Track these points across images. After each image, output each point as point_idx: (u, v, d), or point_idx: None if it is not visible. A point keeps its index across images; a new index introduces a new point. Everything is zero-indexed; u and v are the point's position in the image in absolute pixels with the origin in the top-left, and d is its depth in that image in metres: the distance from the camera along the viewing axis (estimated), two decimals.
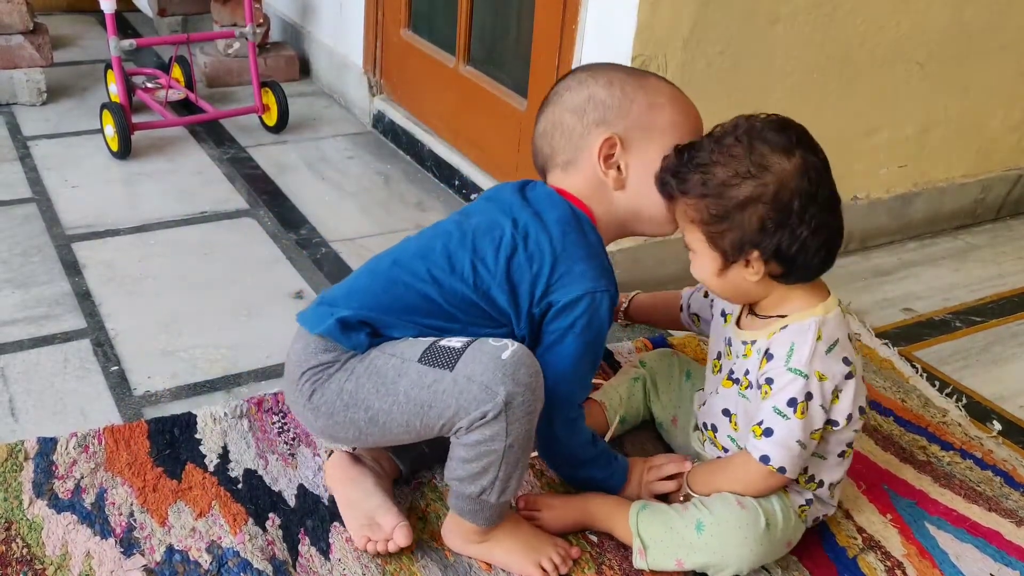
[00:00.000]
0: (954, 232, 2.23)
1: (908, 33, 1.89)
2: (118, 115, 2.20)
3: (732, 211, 1.06)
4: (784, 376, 1.09)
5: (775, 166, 1.05)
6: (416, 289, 1.12)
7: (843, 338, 1.11)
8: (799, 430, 1.09)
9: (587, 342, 1.11)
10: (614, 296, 1.11)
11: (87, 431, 1.31)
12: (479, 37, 2.15)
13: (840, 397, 1.10)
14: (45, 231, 1.90)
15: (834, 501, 1.21)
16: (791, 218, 1.05)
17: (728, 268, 1.10)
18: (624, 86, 1.14)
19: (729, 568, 1.12)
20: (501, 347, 1.04)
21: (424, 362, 1.06)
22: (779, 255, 1.07)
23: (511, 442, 1.04)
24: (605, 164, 1.13)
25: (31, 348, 1.52)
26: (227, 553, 1.13)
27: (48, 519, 1.16)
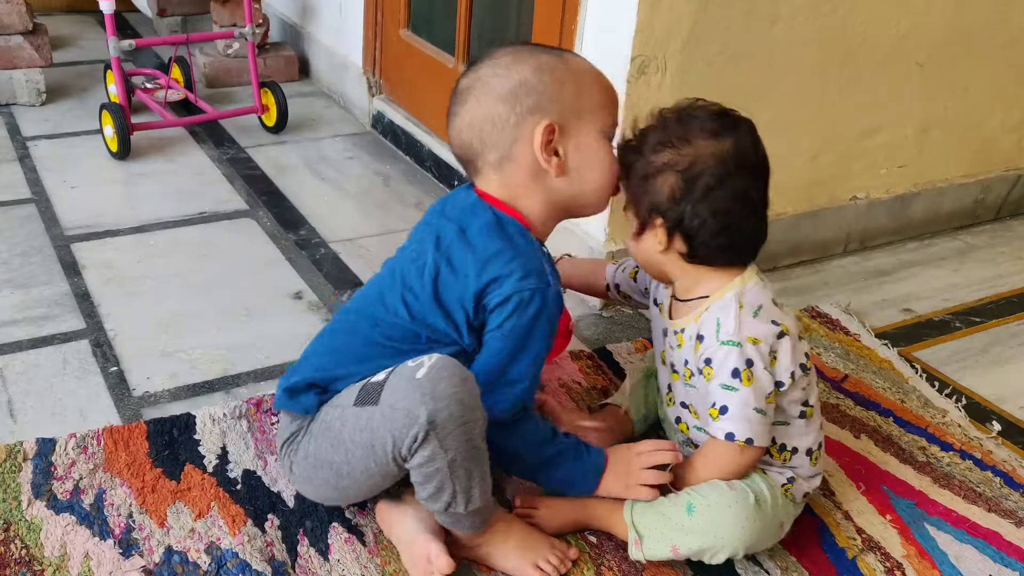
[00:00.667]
0: (954, 232, 2.23)
1: (908, 33, 1.89)
2: (117, 115, 2.20)
3: (650, 175, 1.13)
4: (719, 351, 1.12)
5: (697, 143, 1.11)
6: (361, 336, 1.14)
7: (766, 303, 1.14)
8: (752, 398, 1.11)
9: (518, 341, 1.08)
10: (547, 293, 1.08)
11: (86, 432, 1.31)
12: (478, 37, 2.15)
13: (777, 357, 1.13)
14: (44, 232, 1.90)
15: (816, 470, 1.22)
16: (695, 194, 1.11)
17: (642, 233, 1.17)
18: (554, 70, 1.10)
19: (724, 549, 1.12)
20: (416, 366, 1.03)
21: (358, 403, 1.06)
22: (680, 228, 1.13)
23: (452, 457, 1.02)
24: (545, 152, 1.10)
25: (30, 349, 1.51)
26: (226, 554, 1.13)
27: (47, 520, 1.16)
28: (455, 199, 1.17)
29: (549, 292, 1.08)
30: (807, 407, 1.18)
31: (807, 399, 1.17)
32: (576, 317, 1.71)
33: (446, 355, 1.05)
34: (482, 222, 1.11)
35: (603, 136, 1.13)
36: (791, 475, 1.19)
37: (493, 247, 1.09)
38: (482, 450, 1.06)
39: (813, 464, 1.20)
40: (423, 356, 1.05)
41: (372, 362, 1.11)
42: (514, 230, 1.11)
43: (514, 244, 1.10)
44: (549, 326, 1.10)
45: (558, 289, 1.10)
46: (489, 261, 1.08)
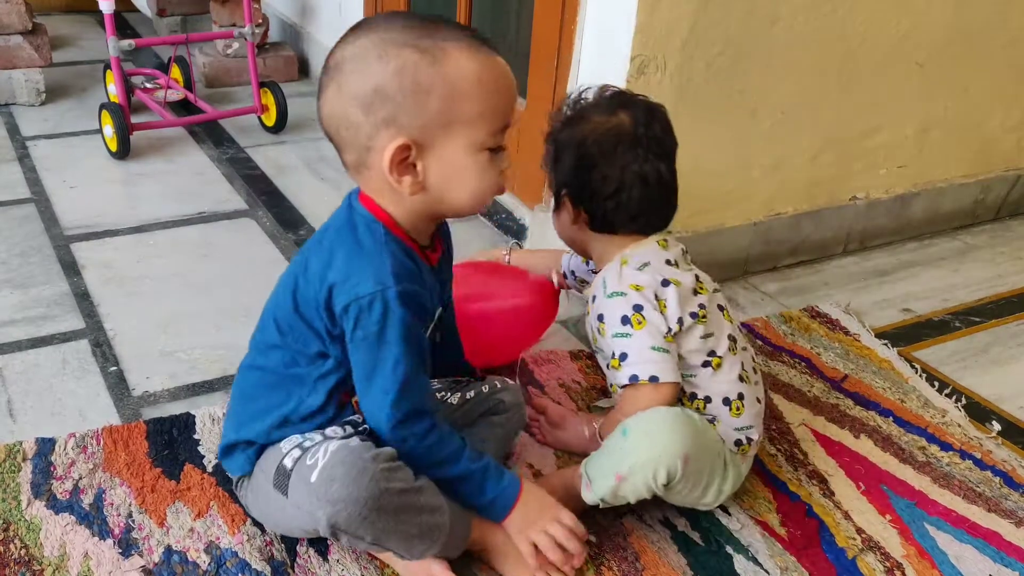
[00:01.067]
0: (953, 232, 2.23)
1: (908, 33, 1.89)
2: (117, 115, 2.20)
3: (559, 152, 1.25)
4: (608, 304, 1.20)
5: (592, 119, 1.23)
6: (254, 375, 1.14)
7: (656, 262, 1.23)
8: (647, 337, 1.17)
9: (371, 350, 1.02)
10: (387, 295, 1.00)
11: (85, 432, 1.31)
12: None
13: (666, 304, 1.19)
14: (44, 231, 1.90)
15: (745, 423, 1.23)
16: (587, 164, 1.22)
17: (559, 210, 1.28)
18: (418, 73, 0.96)
19: (662, 464, 1.11)
20: (312, 466, 1.00)
21: (275, 486, 1.05)
22: (580, 199, 1.24)
23: (371, 538, 1.01)
24: (398, 172, 1.00)
25: (29, 348, 1.51)
26: (225, 553, 1.13)
27: (46, 520, 1.16)
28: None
29: (389, 294, 1.00)
30: (712, 357, 1.21)
31: (713, 350, 1.21)
32: (575, 316, 1.71)
33: (339, 444, 1.01)
34: (338, 223, 1.07)
35: (477, 149, 1.00)
36: (711, 418, 1.22)
37: (337, 251, 1.03)
38: (408, 515, 1.02)
39: (735, 415, 1.22)
40: (321, 446, 1.01)
41: (261, 401, 1.11)
42: (365, 230, 1.04)
43: (359, 246, 1.03)
44: (404, 329, 1.01)
45: (405, 288, 1.01)
46: (329, 266, 1.02)
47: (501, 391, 1.28)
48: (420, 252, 1.08)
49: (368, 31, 0.99)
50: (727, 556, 1.20)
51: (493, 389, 1.28)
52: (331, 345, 1.06)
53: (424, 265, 1.08)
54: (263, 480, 1.09)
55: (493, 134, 1.01)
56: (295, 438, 1.08)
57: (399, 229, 1.05)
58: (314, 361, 1.08)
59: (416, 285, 1.03)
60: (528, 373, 1.53)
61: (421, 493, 1.04)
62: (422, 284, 1.05)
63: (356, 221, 1.05)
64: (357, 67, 0.98)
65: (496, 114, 1.01)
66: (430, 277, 1.09)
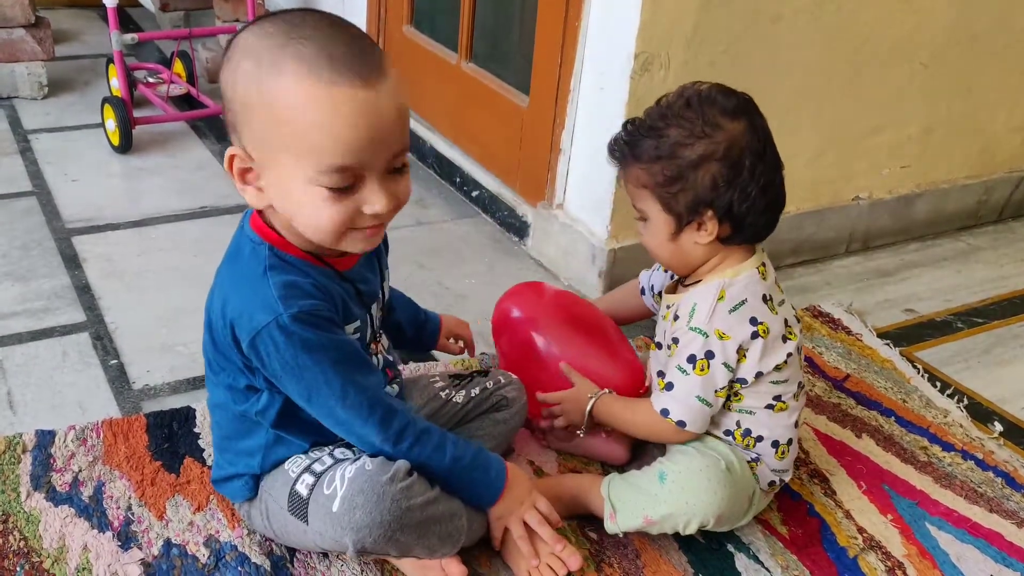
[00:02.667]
0: (956, 233, 2.23)
1: (912, 33, 1.89)
2: (119, 109, 2.19)
3: (686, 171, 1.09)
4: (686, 335, 1.14)
5: (726, 125, 1.09)
6: (216, 414, 1.12)
7: (752, 299, 1.14)
8: (698, 387, 1.12)
9: (294, 378, 0.97)
10: (285, 321, 0.94)
11: (85, 424, 1.30)
12: (481, 34, 2.14)
13: (747, 356, 1.13)
14: (45, 224, 1.90)
15: (783, 466, 1.22)
16: (742, 175, 1.09)
17: (681, 232, 1.14)
18: (247, 88, 0.89)
19: (695, 517, 1.12)
20: (331, 496, 0.99)
21: (291, 512, 1.04)
22: (730, 213, 1.11)
23: (397, 551, 1.02)
24: (240, 180, 0.95)
25: (30, 341, 1.51)
26: (225, 547, 1.13)
27: (46, 512, 1.16)
28: None
29: (283, 320, 0.94)
30: (779, 402, 1.18)
31: (781, 395, 1.18)
32: None
33: (355, 469, 1.00)
34: (230, 251, 1.04)
35: (308, 183, 0.91)
36: (755, 457, 1.20)
37: (227, 285, 1.00)
38: (429, 526, 1.02)
39: (779, 458, 1.20)
40: (336, 471, 1.01)
41: (240, 440, 1.10)
42: (250, 255, 0.99)
43: (244, 276, 0.99)
44: (316, 347, 0.96)
45: (300, 309, 0.95)
46: (226, 302, 0.99)
47: (505, 387, 1.27)
48: (319, 262, 1.01)
49: (256, 26, 0.91)
50: (728, 554, 1.20)
51: (497, 385, 1.27)
52: (256, 378, 1.03)
53: (327, 273, 1.01)
54: (274, 504, 1.08)
55: (324, 173, 0.89)
56: (300, 459, 1.07)
57: (291, 246, 0.99)
58: (248, 398, 1.05)
59: (314, 299, 0.97)
60: None
61: (439, 502, 1.04)
62: (325, 294, 0.99)
63: (242, 246, 1.01)
64: (226, 63, 0.92)
65: (326, 153, 0.88)
66: (338, 284, 1.02)
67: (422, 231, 2.03)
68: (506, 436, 1.27)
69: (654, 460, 1.19)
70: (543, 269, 1.90)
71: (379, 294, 1.13)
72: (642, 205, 1.16)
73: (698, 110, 1.09)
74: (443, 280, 1.82)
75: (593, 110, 1.74)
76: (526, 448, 1.35)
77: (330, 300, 0.99)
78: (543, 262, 1.91)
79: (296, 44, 0.88)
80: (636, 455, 1.34)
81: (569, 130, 1.80)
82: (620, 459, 1.32)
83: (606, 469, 1.33)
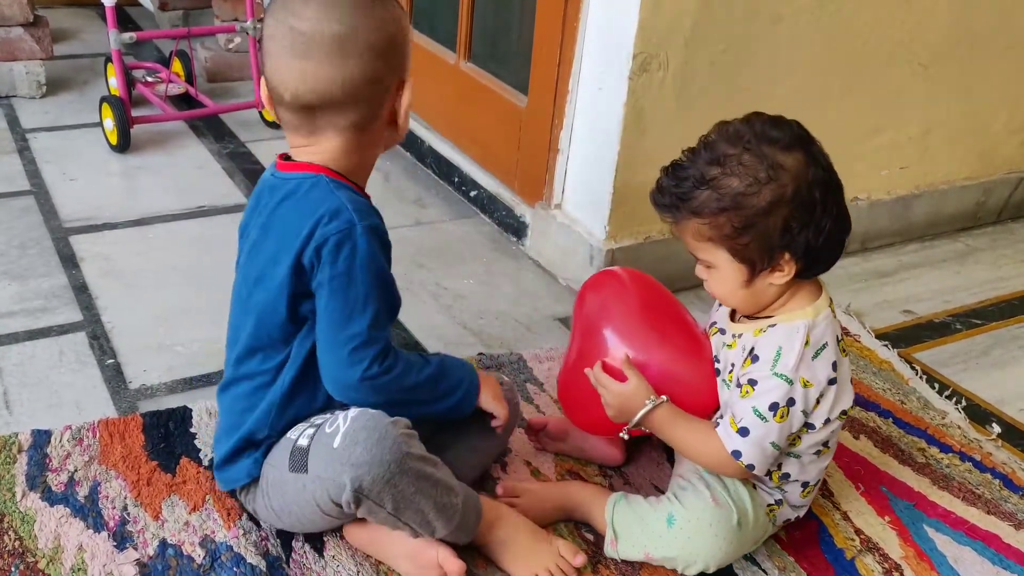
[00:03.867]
0: (955, 235, 2.22)
1: (912, 34, 1.88)
2: (118, 108, 2.19)
3: (755, 219, 1.02)
4: (769, 380, 1.07)
5: (788, 164, 1.03)
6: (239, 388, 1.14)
7: (831, 341, 1.09)
8: (776, 434, 1.07)
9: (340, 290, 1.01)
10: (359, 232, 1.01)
11: (81, 424, 1.30)
12: (480, 34, 2.14)
13: (821, 403, 1.10)
14: (43, 223, 1.90)
15: (803, 503, 1.21)
16: (815, 211, 1.03)
17: (755, 278, 1.08)
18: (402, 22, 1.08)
19: (696, 564, 1.12)
20: (333, 433, 1.02)
21: (292, 469, 1.05)
22: (808, 251, 1.05)
23: (393, 506, 1.02)
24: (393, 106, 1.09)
25: (27, 340, 1.51)
26: (220, 548, 1.13)
27: (41, 512, 1.16)
28: (256, 195, 1.15)
29: (357, 231, 1.01)
30: (825, 447, 1.16)
31: (828, 440, 1.15)
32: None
33: (358, 411, 1.02)
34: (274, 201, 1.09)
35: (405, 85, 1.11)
36: (780, 498, 1.18)
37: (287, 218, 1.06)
38: (426, 485, 1.03)
39: (803, 497, 1.19)
40: (339, 416, 1.03)
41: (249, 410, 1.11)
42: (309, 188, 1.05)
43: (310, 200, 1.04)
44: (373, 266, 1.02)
45: (370, 223, 1.03)
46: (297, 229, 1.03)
47: None
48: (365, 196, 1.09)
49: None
50: None
51: None
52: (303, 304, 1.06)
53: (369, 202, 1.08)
54: (273, 474, 1.09)
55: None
56: (302, 425, 1.08)
57: (345, 179, 1.06)
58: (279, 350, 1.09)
59: (379, 219, 1.05)
60: (528, 371, 1.53)
61: (437, 467, 1.06)
62: (382, 219, 1.06)
63: (298, 187, 1.05)
64: (366, 23, 1.01)
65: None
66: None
67: (420, 231, 2.03)
68: (499, 438, 1.26)
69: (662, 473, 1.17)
70: (541, 269, 1.89)
71: None
72: (706, 256, 1.08)
73: (757, 152, 1.02)
74: (441, 280, 1.82)
75: (592, 110, 1.73)
76: (522, 449, 1.35)
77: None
78: (541, 262, 1.91)
79: None
80: (632, 457, 1.34)
81: (567, 130, 1.80)
82: (616, 461, 1.32)
83: (603, 471, 1.32)
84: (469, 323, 1.68)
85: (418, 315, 1.68)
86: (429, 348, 1.58)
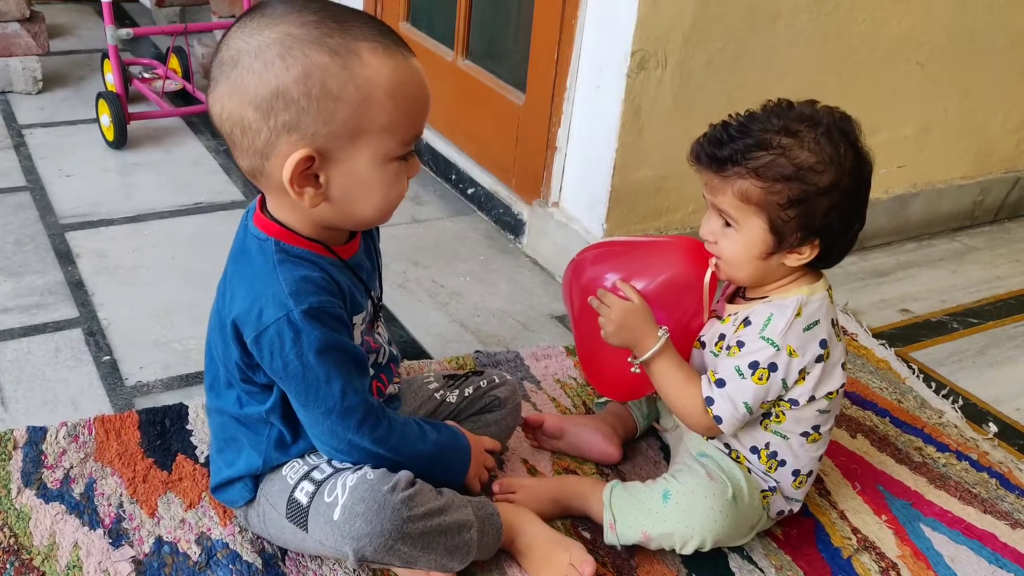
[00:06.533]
0: (952, 234, 2.22)
1: (909, 33, 1.88)
2: (114, 105, 2.18)
3: (810, 197, 1.04)
4: (755, 342, 1.10)
5: (851, 157, 1.06)
6: (216, 419, 1.11)
7: (824, 320, 1.11)
8: (751, 394, 1.09)
9: (296, 377, 0.96)
10: (296, 316, 0.94)
11: (77, 421, 1.29)
12: (478, 31, 2.14)
13: (806, 378, 1.11)
14: (39, 220, 1.89)
15: (796, 496, 1.21)
16: (855, 207, 1.08)
17: (776, 253, 1.09)
18: (327, 78, 0.88)
19: (693, 540, 1.12)
20: (332, 504, 1.00)
21: (288, 519, 1.04)
22: (834, 242, 1.09)
23: (401, 563, 1.02)
24: (298, 184, 0.91)
25: (22, 337, 1.50)
26: (216, 545, 1.12)
27: (36, 509, 1.15)
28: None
29: (294, 316, 0.94)
30: (816, 432, 1.16)
31: (819, 425, 1.16)
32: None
33: (356, 479, 1.00)
34: (234, 250, 1.03)
35: (383, 161, 0.94)
36: (773, 486, 1.18)
37: (235, 282, 0.99)
38: (433, 538, 1.02)
39: (795, 487, 1.19)
40: (337, 481, 1.01)
41: (242, 442, 1.08)
42: (257, 252, 0.98)
43: (253, 271, 0.98)
44: (323, 347, 0.96)
45: (310, 305, 0.94)
46: (233, 299, 0.98)
47: (498, 387, 1.27)
48: (326, 251, 1.00)
49: (272, 22, 0.89)
50: (721, 554, 1.19)
51: (491, 384, 1.27)
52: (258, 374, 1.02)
53: (334, 263, 1.01)
54: (271, 511, 1.07)
55: (404, 144, 0.94)
56: (298, 465, 1.07)
57: (297, 238, 0.98)
58: (264, 399, 1.04)
59: (324, 294, 0.97)
60: (524, 368, 1.52)
61: (446, 512, 1.03)
62: (335, 288, 0.98)
63: (249, 245, 1.00)
64: (256, 66, 0.88)
65: (409, 123, 0.94)
66: (344, 274, 1.01)
67: (417, 229, 2.02)
68: (498, 437, 1.26)
69: (659, 471, 1.18)
70: (538, 267, 1.89)
71: (376, 276, 1.13)
72: (740, 217, 1.08)
73: (831, 137, 1.05)
74: (438, 278, 1.82)
75: (589, 108, 1.73)
76: (519, 447, 1.35)
77: (339, 293, 0.99)
78: (538, 260, 1.91)
79: (350, 28, 0.89)
80: (629, 455, 1.34)
81: (565, 128, 1.80)
82: (613, 459, 1.32)
83: (600, 469, 1.32)
84: (466, 321, 1.67)
85: (414, 313, 1.68)
86: (425, 346, 1.58)
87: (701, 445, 1.21)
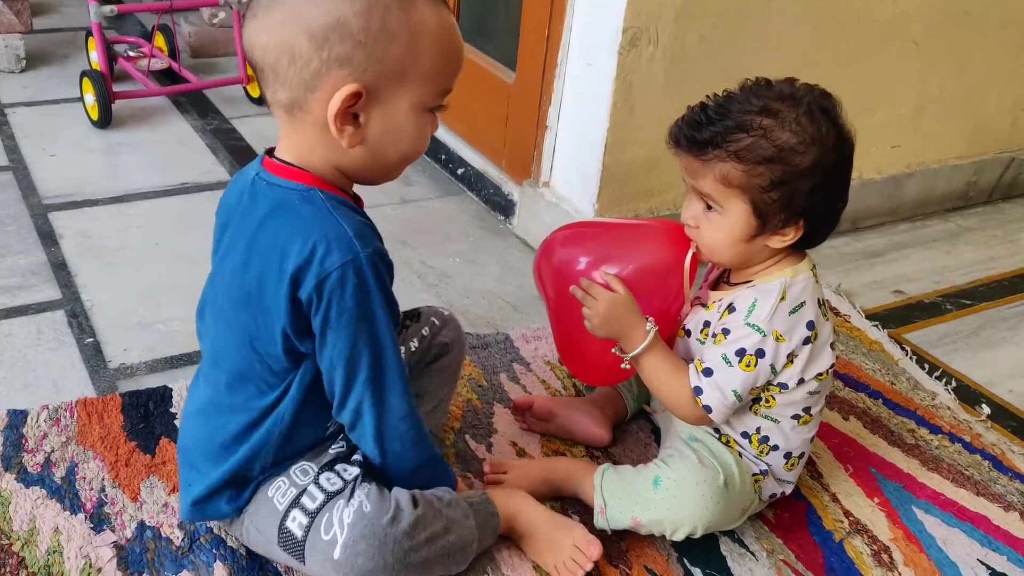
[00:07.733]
0: (946, 214, 2.21)
1: (905, 11, 1.86)
2: (99, 83, 2.15)
3: (792, 178, 1.03)
4: (741, 329, 1.08)
5: (832, 135, 1.04)
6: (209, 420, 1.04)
7: (809, 301, 1.10)
8: (739, 381, 1.07)
9: (348, 330, 0.93)
10: (363, 261, 0.91)
11: (59, 404, 1.27)
12: (467, 8, 2.11)
13: (794, 361, 1.09)
14: (21, 200, 1.86)
15: (789, 478, 1.20)
16: (838, 186, 1.07)
17: (759, 236, 1.07)
18: (388, 16, 0.88)
19: (684, 526, 1.11)
20: (331, 542, 0.97)
21: (282, 548, 1.01)
22: (818, 222, 1.07)
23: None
24: (340, 121, 0.90)
25: (3, 319, 1.48)
26: (200, 529, 1.11)
27: (16, 493, 1.13)
28: (240, 187, 1.00)
29: (361, 260, 0.91)
30: (806, 414, 1.14)
31: (810, 407, 1.14)
32: None
33: (354, 513, 0.97)
34: (269, 207, 0.95)
35: (419, 109, 0.93)
36: (764, 469, 1.17)
37: (278, 236, 0.93)
38: (436, 559, 1.01)
39: (787, 469, 1.18)
40: (334, 518, 0.98)
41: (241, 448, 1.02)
42: (298, 200, 0.93)
43: (303, 219, 0.93)
44: (383, 299, 0.94)
45: (375, 249, 0.93)
46: (284, 254, 0.92)
47: (441, 330, 1.23)
48: (355, 202, 0.99)
49: None
50: (712, 537, 1.18)
51: (433, 330, 1.22)
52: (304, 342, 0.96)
53: (363, 214, 0.98)
54: (259, 536, 1.03)
55: (439, 95, 0.95)
56: (284, 486, 1.02)
57: (333, 187, 0.96)
58: (272, 387, 1.00)
59: (379, 240, 0.95)
60: (514, 350, 1.51)
61: (450, 532, 1.02)
62: (381, 238, 0.97)
63: (286, 197, 0.94)
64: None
65: (448, 74, 0.95)
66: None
67: (406, 209, 2.00)
68: (451, 378, 1.24)
69: (649, 453, 1.17)
70: (528, 248, 1.87)
71: None
72: (722, 201, 1.06)
73: (812, 116, 1.03)
74: (427, 259, 1.80)
75: (580, 86, 1.71)
76: (508, 430, 1.33)
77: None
78: (528, 240, 1.89)
79: None
80: (619, 438, 1.33)
81: (556, 106, 1.77)
82: (603, 441, 1.31)
83: (590, 452, 1.31)
84: (455, 302, 1.66)
85: (403, 294, 1.64)
86: None
87: (692, 429, 1.19)
